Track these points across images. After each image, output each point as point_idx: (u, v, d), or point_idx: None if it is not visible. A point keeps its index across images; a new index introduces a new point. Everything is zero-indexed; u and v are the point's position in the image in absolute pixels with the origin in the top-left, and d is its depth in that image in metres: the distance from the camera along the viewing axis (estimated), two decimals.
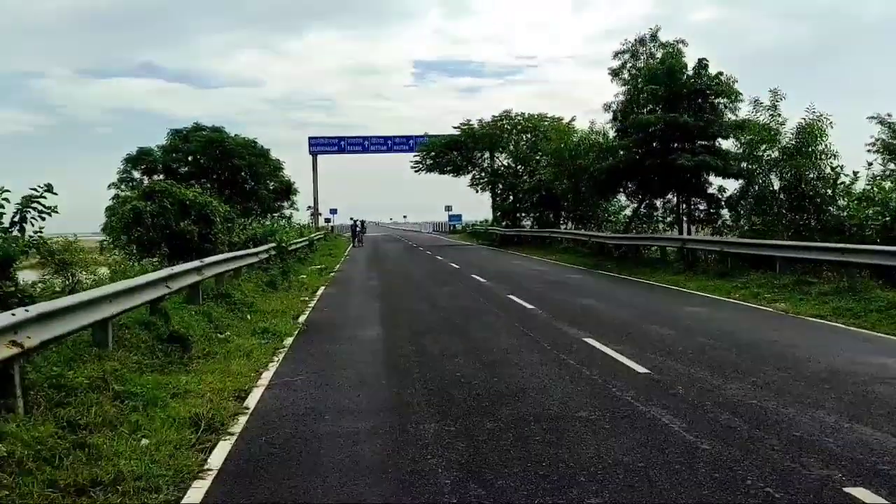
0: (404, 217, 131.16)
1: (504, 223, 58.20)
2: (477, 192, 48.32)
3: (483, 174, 46.72)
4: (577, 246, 32.39)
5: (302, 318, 12.60)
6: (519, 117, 44.73)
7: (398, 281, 20.04)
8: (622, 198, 33.34)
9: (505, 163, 46.45)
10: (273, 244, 22.48)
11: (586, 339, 9.71)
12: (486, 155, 46.42)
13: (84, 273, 22.85)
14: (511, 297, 14.83)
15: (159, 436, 5.73)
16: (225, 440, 5.83)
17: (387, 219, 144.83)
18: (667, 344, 9.32)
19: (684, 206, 24.62)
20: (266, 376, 8.13)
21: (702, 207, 24.55)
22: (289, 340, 10.37)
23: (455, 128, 46.54)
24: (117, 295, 8.07)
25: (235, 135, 44.95)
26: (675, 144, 23.72)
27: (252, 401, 7.02)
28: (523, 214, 45.67)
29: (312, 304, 14.91)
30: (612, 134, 29.44)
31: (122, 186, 39.40)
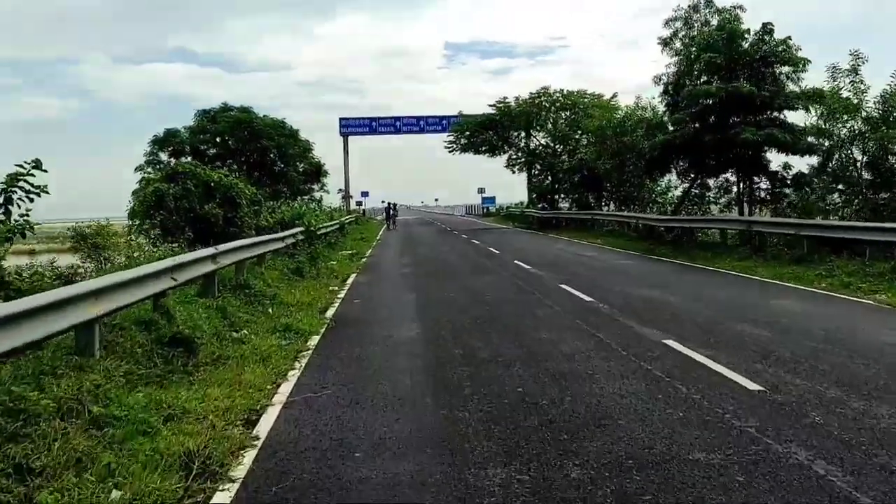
0: (435, 200, 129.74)
1: (540, 205, 56.37)
2: (514, 172, 46.61)
3: (520, 154, 44.83)
4: (622, 229, 30.54)
5: (330, 312, 11.15)
6: (558, 94, 42.73)
7: (434, 268, 18.51)
8: (669, 178, 31.46)
9: (542, 142, 44.52)
10: (301, 228, 21.12)
11: (667, 342, 8.08)
12: (523, 134, 44.47)
13: (119, 255, 21.78)
14: (564, 287, 13.21)
15: (137, 484, 4.32)
16: (223, 490, 4.39)
17: (417, 202, 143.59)
18: (768, 349, 7.64)
19: (744, 184, 22.62)
20: (284, 389, 6.69)
21: (763, 186, 22.55)
22: (314, 340, 8.92)
23: (490, 106, 44.75)
24: (105, 291, 6.66)
25: (264, 115, 43.80)
26: (734, 119, 21.76)
27: (264, 427, 5.57)
28: (561, 196, 43.78)
29: (342, 294, 13.47)
30: (661, 108, 27.50)
31: (149, 169, 38.45)
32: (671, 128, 25.93)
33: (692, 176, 26.75)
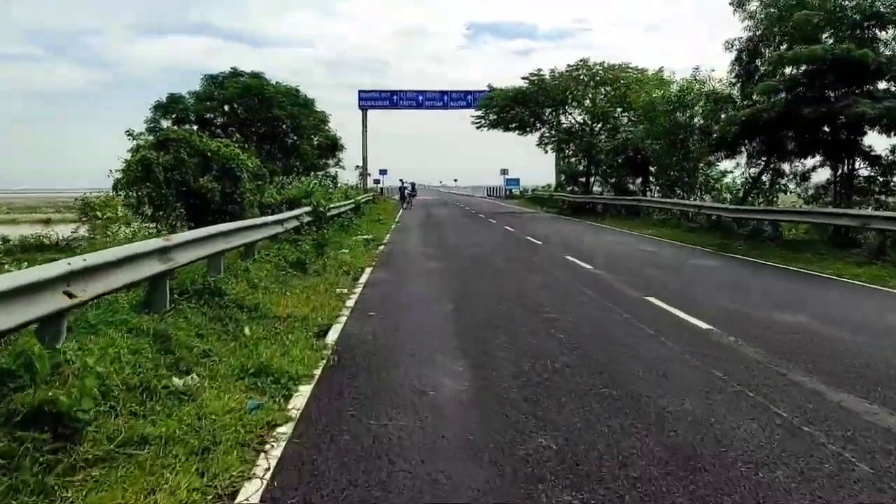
0: (455, 181, 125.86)
1: (570, 188, 52.72)
2: (546, 152, 42.90)
3: (554, 132, 40.99)
4: (672, 218, 26.86)
5: (333, 336, 7.70)
6: (598, 67, 38.76)
7: (468, 263, 15.00)
8: (725, 162, 27.77)
9: (579, 119, 40.66)
10: (307, 208, 17.74)
11: (876, 419, 4.60)
12: (560, 110, 40.61)
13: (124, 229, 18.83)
14: (652, 300, 9.70)
15: None
16: None
17: (436, 182, 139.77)
18: None
19: (840, 170, 18.86)
20: None
21: (863, 174, 18.78)
22: (299, 399, 5.49)
23: (523, 78, 40.84)
24: None
25: (276, 83, 40.27)
26: (829, 92, 18.00)
27: None
28: (597, 179, 39.99)
29: (352, 300, 10.02)
30: (730, 79, 23.73)
31: (141, 132, 34.99)
32: (744, 102, 22.22)
33: (764, 159, 22.99)
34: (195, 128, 34.86)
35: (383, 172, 75.66)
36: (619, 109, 38.03)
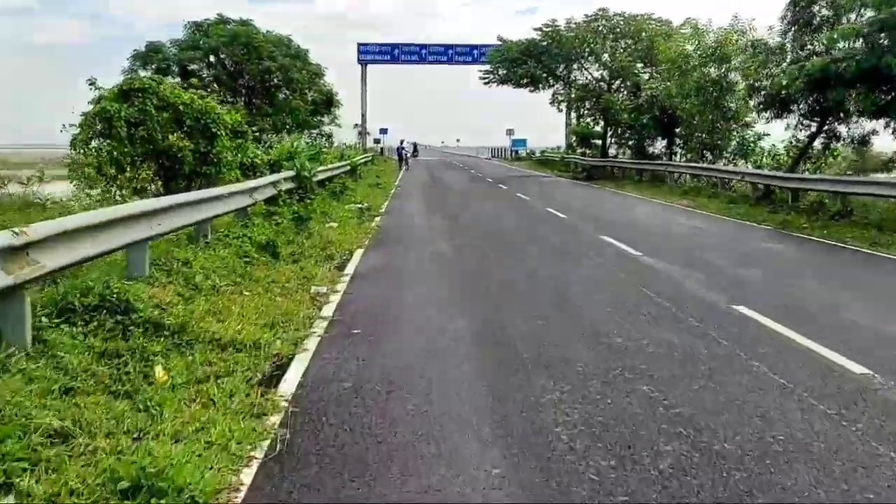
0: (457, 140, 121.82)
1: (581, 150, 49.67)
2: (559, 110, 39.77)
3: (570, 88, 37.73)
4: (705, 186, 24.03)
5: (289, 384, 4.94)
6: (618, 17, 35.38)
7: (484, 243, 12.22)
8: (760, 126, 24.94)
9: (596, 75, 37.40)
10: (288, 173, 14.91)
11: None
12: (575, 65, 37.31)
13: None
14: (747, 313, 6.94)
15: None
16: None
17: (438, 142, 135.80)
18: None
19: None
20: None
21: None
22: None
23: (536, 30, 37.47)
24: None
25: (267, 31, 36.85)
26: None
27: None
28: (613, 140, 36.88)
29: (331, 307, 7.21)
30: (782, 28, 20.63)
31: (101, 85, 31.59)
32: (799, 52, 19.20)
33: (817, 120, 20.04)
34: (178, 80, 31.77)
35: (383, 132, 72.24)
36: (639, 64, 34.76)
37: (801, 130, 20.89)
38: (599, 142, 48.23)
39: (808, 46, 19.41)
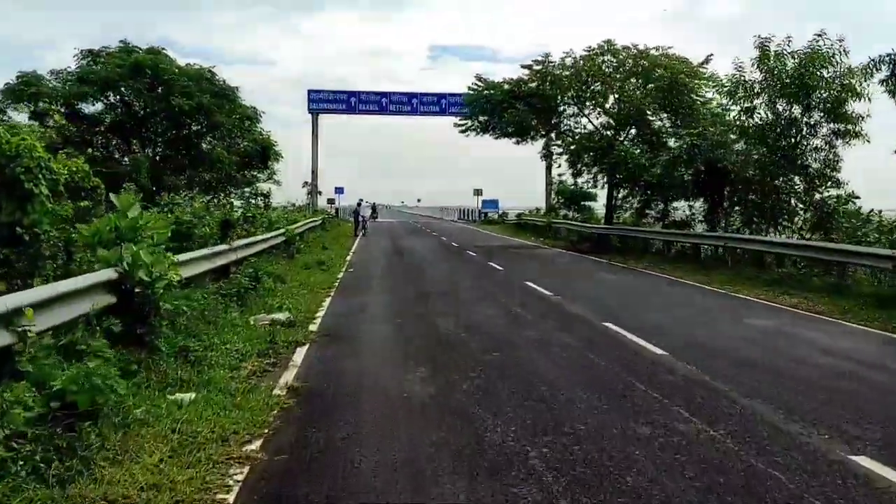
0: (418, 201, 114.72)
1: (563, 213, 42.81)
2: (558, 165, 32.74)
3: (570, 138, 30.43)
4: (796, 271, 16.64)
5: None
6: (626, 53, 28.58)
7: (525, 433, 4.19)
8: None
9: (598, 122, 30.33)
10: (99, 277, 6.70)
11: None
12: (573, 110, 30.21)
13: None
14: None
15: None
16: None
17: (397, 201, 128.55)
18: None
19: None
20: None
21: None
22: None
23: (524, 67, 30.44)
24: None
25: (187, 64, 29.03)
26: None
27: None
28: (622, 199, 29.47)
29: None
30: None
31: None
32: None
33: None
34: (63, 122, 23.47)
35: (339, 191, 64.61)
36: (654, 106, 27.80)
37: None
38: (591, 203, 41.50)
39: None
